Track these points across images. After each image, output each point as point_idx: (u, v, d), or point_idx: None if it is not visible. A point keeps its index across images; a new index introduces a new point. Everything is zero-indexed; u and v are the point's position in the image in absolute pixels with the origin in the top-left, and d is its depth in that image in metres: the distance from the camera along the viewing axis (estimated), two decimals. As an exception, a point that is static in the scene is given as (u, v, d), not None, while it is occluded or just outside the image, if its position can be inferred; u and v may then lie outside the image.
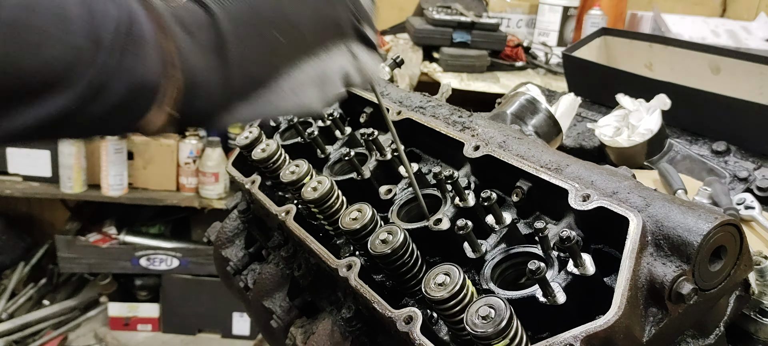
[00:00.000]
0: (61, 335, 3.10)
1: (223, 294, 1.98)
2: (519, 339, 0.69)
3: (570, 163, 0.90)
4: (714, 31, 2.91)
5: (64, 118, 0.51)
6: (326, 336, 1.02)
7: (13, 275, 3.25)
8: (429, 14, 2.90)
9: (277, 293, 1.19)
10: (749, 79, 1.67)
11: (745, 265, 0.79)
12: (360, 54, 0.71)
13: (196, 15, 0.59)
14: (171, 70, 0.56)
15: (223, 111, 0.61)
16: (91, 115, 0.52)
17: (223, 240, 1.40)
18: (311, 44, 0.65)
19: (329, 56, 0.67)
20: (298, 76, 0.64)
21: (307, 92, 0.66)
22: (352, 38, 0.70)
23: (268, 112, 0.65)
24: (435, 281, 0.77)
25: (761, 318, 0.89)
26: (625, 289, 0.69)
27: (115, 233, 3.10)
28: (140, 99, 0.55)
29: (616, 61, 2.01)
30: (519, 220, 0.94)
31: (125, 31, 0.52)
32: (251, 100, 0.62)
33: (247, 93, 0.62)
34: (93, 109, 0.52)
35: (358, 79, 0.72)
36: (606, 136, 1.51)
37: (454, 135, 1.05)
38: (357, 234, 0.93)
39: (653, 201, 0.78)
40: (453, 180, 0.91)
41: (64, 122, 0.51)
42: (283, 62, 0.63)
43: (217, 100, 0.60)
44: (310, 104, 0.68)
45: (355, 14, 0.70)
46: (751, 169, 1.40)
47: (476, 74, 2.82)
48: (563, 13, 3.17)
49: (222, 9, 0.59)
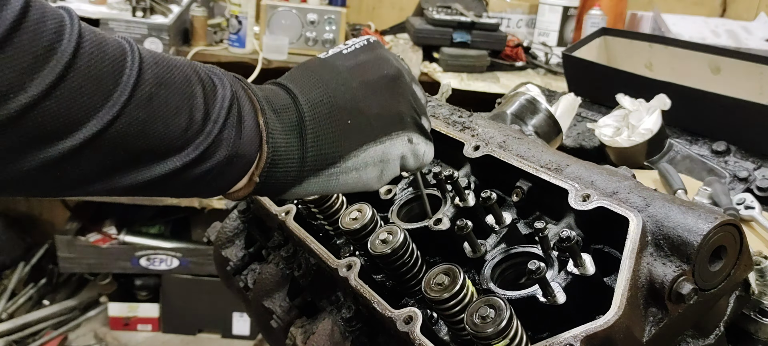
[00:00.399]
0: (61, 335, 3.10)
1: (223, 294, 1.98)
2: (519, 339, 0.69)
3: (570, 163, 0.90)
4: (714, 31, 2.91)
5: (170, 177, 0.58)
6: (326, 336, 1.02)
7: (13, 275, 3.25)
8: (429, 14, 2.90)
9: (277, 293, 1.19)
10: (749, 79, 1.67)
11: (745, 265, 0.79)
12: (417, 141, 0.78)
13: (282, 98, 0.69)
14: (263, 145, 0.64)
15: (297, 183, 0.69)
16: (192, 177, 0.60)
17: (223, 240, 1.40)
18: (376, 131, 0.73)
19: (391, 142, 0.75)
20: (363, 158, 0.72)
21: (369, 172, 0.74)
22: (411, 129, 0.77)
23: (334, 187, 0.72)
24: (435, 281, 0.77)
25: (761, 318, 0.89)
26: (625, 289, 0.69)
27: (115, 233, 3.10)
28: (236, 166, 0.63)
29: (616, 61, 2.01)
30: (519, 220, 0.94)
31: (228, 107, 0.61)
32: (321, 176, 0.69)
33: (318, 169, 0.69)
34: (195, 172, 0.60)
35: (413, 164, 0.80)
36: (606, 136, 1.51)
37: (454, 135, 1.05)
38: (357, 234, 0.93)
39: (653, 201, 0.78)
40: (453, 180, 0.91)
41: (169, 181, 0.58)
42: (351, 145, 0.70)
43: (294, 173, 0.68)
44: (370, 182, 0.75)
45: (415, 109, 0.79)
46: (751, 169, 1.40)
47: (476, 74, 2.82)
48: (563, 13, 3.17)
49: (303, 95, 0.69)
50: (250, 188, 0.66)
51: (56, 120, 0.49)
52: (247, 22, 2.70)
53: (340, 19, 2.81)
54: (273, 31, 2.77)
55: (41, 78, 0.48)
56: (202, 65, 0.63)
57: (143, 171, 0.57)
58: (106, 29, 2.49)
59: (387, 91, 0.75)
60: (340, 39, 2.83)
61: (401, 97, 0.76)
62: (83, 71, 0.50)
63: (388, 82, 0.75)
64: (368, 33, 3.11)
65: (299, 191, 0.70)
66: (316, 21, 2.79)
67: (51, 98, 0.48)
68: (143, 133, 0.55)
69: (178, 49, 2.68)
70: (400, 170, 0.79)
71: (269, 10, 2.75)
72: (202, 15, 2.74)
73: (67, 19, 0.50)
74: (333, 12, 2.80)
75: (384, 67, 0.76)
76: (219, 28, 3.01)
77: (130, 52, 0.55)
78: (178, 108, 0.57)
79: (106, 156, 0.54)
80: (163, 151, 0.57)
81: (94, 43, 0.52)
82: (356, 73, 0.73)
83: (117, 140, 0.53)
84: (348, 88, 0.71)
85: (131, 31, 2.51)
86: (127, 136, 0.54)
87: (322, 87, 0.70)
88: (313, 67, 0.73)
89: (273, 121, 0.66)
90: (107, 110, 0.52)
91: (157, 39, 2.53)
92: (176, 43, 2.66)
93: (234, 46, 2.74)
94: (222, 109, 0.60)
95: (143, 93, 0.54)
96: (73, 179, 0.54)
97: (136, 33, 2.52)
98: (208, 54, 2.73)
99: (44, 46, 0.48)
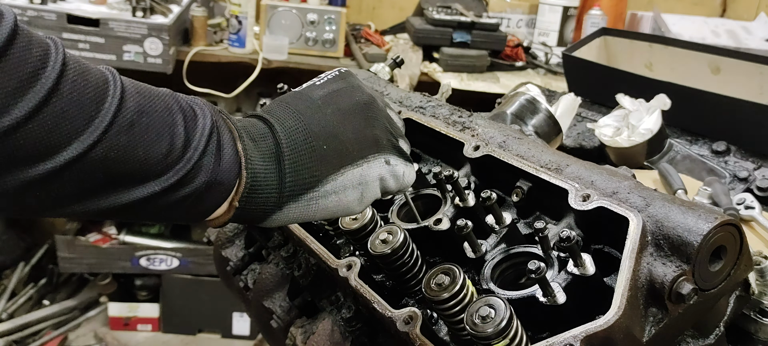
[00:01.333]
0: (61, 335, 3.10)
1: (223, 294, 1.98)
2: (519, 339, 0.69)
3: (570, 163, 0.90)
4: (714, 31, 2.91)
5: (149, 201, 0.60)
6: (326, 336, 1.02)
7: (13, 275, 3.25)
8: (429, 14, 2.90)
9: (277, 293, 1.19)
10: (749, 79, 1.67)
11: (745, 265, 0.79)
12: (395, 163, 0.80)
13: (259, 128, 0.71)
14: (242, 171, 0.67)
15: (277, 209, 0.70)
16: (171, 202, 0.61)
17: (223, 240, 1.40)
18: (353, 155, 0.75)
19: (368, 165, 0.76)
20: (341, 181, 0.74)
21: (349, 195, 0.75)
22: (389, 151, 0.79)
23: (314, 212, 0.73)
24: (435, 281, 0.77)
25: (761, 318, 0.89)
26: (625, 289, 0.69)
27: (115, 233, 3.10)
28: (215, 193, 0.65)
29: (616, 61, 2.01)
30: (519, 220, 0.94)
31: (208, 135, 0.63)
32: (300, 201, 0.71)
33: (297, 194, 0.71)
34: (174, 197, 0.61)
35: (394, 185, 0.81)
36: (606, 136, 1.51)
37: (454, 135, 1.05)
38: (357, 234, 0.93)
39: (653, 201, 0.78)
40: (453, 180, 0.91)
41: (148, 205, 0.60)
42: (328, 169, 0.72)
43: (273, 200, 0.69)
44: (350, 205, 0.76)
45: (390, 132, 0.81)
46: (751, 169, 1.40)
47: (476, 74, 2.82)
48: (563, 13, 3.17)
49: (279, 124, 0.71)
50: (230, 214, 0.68)
51: (39, 143, 0.51)
52: (247, 22, 2.70)
53: (340, 19, 2.81)
54: (273, 31, 2.77)
55: (25, 101, 0.50)
56: (184, 96, 0.65)
57: (122, 195, 0.59)
58: (106, 29, 2.49)
59: (361, 116, 0.78)
60: (340, 39, 2.83)
61: (375, 122, 0.79)
62: (66, 97, 0.52)
63: (361, 108, 0.78)
64: (368, 33, 3.11)
65: (280, 218, 0.72)
66: (316, 21, 2.79)
67: (34, 121, 0.50)
68: (124, 158, 0.57)
69: (178, 49, 2.68)
70: (382, 193, 0.80)
71: (269, 10, 2.75)
72: (202, 15, 2.74)
73: (52, 48, 0.53)
74: (333, 12, 2.80)
75: (356, 94, 0.79)
76: (219, 28, 3.01)
77: (112, 80, 0.57)
78: (159, 135, 0.59)
79: (85, 179, 0.55)
80: (142, 176, 0.59)
81: (78, 71, 0.54)
82: (329, 101, 0.76)
83: (97, 164, 0.55)
84: (322, 115, 0.74)
85: (131, 31, 2.51)
86: (108, 161, 0.56)
87: (296, 116, 0.73)
88: (287, 100, 0.76)
89: (251, 149, 0.68)
90: (89, 135, 0.54)
91: (157, 39, 2.53)
92: (176, 43, 2.66)
93: (234, 46, 2.74)
94: (202, 136, 0.63)
95: (125, 120, 0.56)
96: (52, 199, 0.56)
97: (136, 33, 2.52)
98: (208, 54, 2.73)
99: (29, 72, 0.50)
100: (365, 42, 3.05)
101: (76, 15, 2.47)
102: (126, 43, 2.51)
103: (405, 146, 0.84)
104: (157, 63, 2.54)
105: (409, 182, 0.84)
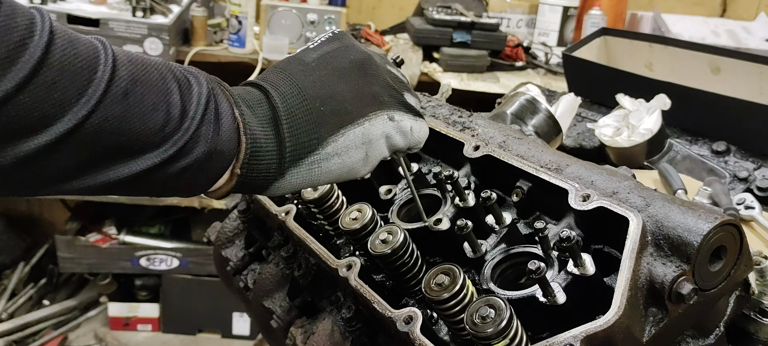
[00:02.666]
0: (61, 335, 3.10)
1: (223, 294, 1.98)
2: (519, 339, 0.69)
3: (570, 163, 0.90)
4: (714, 31, 2.91)
5: (148, 173, 0.59)
6: (326, 336, 1.02)
7: (13, 275, 3.25)
8: (429, 14, 2.90)
9: (277, 293, 1.19)
10: (749, 79, 1.67)
11: (745, 265, 0.79)
12: (399, 118, 0.77)
13: (255, 95, 0.70)
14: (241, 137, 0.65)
15: (279, 176, 0.69)
16: (171, 174, 0.60)
17: (223, 240, 1.40)
18: (352, 114, 0.72)
19: (369, 122, 0.74)
20: (343, 142, 0.72)
21: (353, 155, 0.73)
22: (392, 107, 0.77)
23: (317, 176, 0.71)
24: (435, 281, 0.77)
25: (761, 318, 0.89)
26: (625, 289, 0.69)
27: (115, 233, 3.10)
28: (215, 162, 0.64)
29: (616, 61, 2.01)
30: (519, 220, 0.94)
31: (205, 103, 0.62)
32: (302, 165, 0.70)
33: (298, 159, 0.69)
34: (174, 169, 0.60)
35: (402, 142, 0.78)
36: (606, 136, 1.51)
37: (454, 135, 1.05)
38: (357, 234, 0.93)
39: (653, 201, 0.78)
40: (453, 180, 0.91)
41: (148, 178, 0.59)
42: (328, 130, 0.71)
43: (274, 166, 0.68)
44: (355, 166, 0.74)
45: (393, 86, 0.78)
46: (751, 169, 1.40)
47: (476, 74, 2.82)
48: (563, 13, 3.17)
49: (274, 89, 0.70)
50: (232, 183, 0.67)
51: (30, 115, 0.50)
52: (247, 22, 2.70)
53: (340, 19, 2.81)
54: (273, 31, 2.77)
55: (14, 72, 0.49)
56: (177, 65, 0.64)
57: (120, 167, 0.57)
58: (106, 29, 2.49)
59: (358, 74, 0.75)
60: (340, 39, 2.83)
61: (374, 78, 0.76)
62: (56, 66, 0.51)
63: (358, 66, 0.76)
64: (368, 33, 3.11)
65: (283, 185, 0.70)
66: (316, 21, 2.79)
67: (24, 93, 0.49)
68: (119, 129, 0.55)
69: (178, 49, 2.68)
70: (390, 151, 0.77)
71: (269, 10, 2.75)
72: (202, 15, 2.74)
73: (37, 17, 0.52)
74: (333, 12, 2.80)
75: (351, 53, 0.77)
76: (219, 28, 3.01)
77: (103, 49, 0.55)
78: (155, 105, 0.58)
79: (82, 152, 0.54)
80: (140, 147, 0.57)
81: (67, 40, 0.53)
82: (324, 62, 0.74)
83: (93, 136, 0.54)
84: (317, 76, 0.72)
85: (131, 31, 2.51)
86: (103, 132, 0.54)
87: (291, 80, 0.71)
88: (281, 65, 0.74)
89: (249, 116, 0.67)
90: (82, 106, 0.52)
91: (157, 39, 2.53)
92: (176, 43, 2.66)
93: (234, 46, 2.74)
94: (199, 105, 0.61)
95: (118, 89, 0.55)
96: (49, 175, 0.55)
97: (136, 33, 2.51)
98: (208, 54, 2.73)
99: (15, 42, 0.49)
100: (365, 42, 3.05)
101: (76, 15, 2.47)
102: (126, 44, 2.51)
103: (411, 100, 0.81)
104: (157, 63, 2.54)
105: (420, 137, 0.81)
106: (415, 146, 0.82)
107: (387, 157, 0.78)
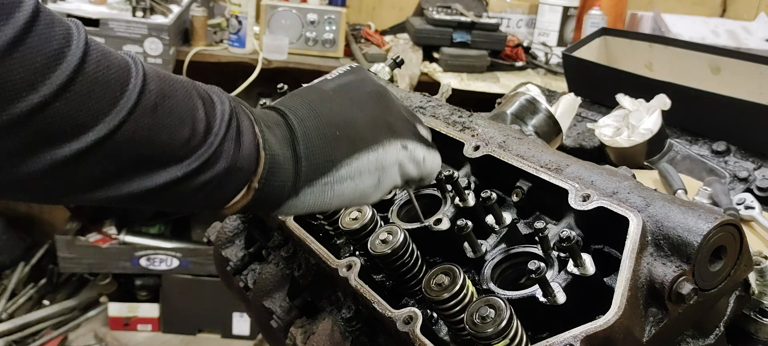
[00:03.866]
0: (61, 335, 3.10)
1: (223, 294, 1.98)
2: (519, 339, 0.69)
3: (570, 163, 0.90)
4: (714, 31, 2.91)
5: (171, 186, 0.60)
6: (326, 336, 1.02)
7: (13, 275, 3.25)
8: (429, 14, 2.90)
9: (277, 293, 1.19)
10: (749, 79, 1.67)
11: (745, 265, 0.79)
12: (413, 148, 0.79)
13: (274, 117, 0.73)
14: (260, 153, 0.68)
15: (293, 195, 0.71)
16: (192, 188, 0.62)
17: (223, 240, 1.40)
18: (366, 139, 0.75)
19: (383, 149, 0.76)
20: (356, 166, 0.74)
21: (365, 180, 0.75)
22: (405, 136, 0.79)
23: (330, 198, 0.73)
24: (435, 281, 0.77)
25: (761, 318, 0.89)
26: (625, 289, 0.69)
27: (115, 233, 3.10)
28: (235, 178, 0.66)
29: (616, 61, 2.01)
30: (519, 220, 0.94)
31: (228, 121, 0.64)
32: (315, 186, 0.72)
33: (312, 179, 0.71)
34: (195, 183, 0.62)
35: (415, 171, 0.80)
36: (606, 136, 1.51)
37: (454, 135, 1.05)
38: (357, 234, 0.93)
39: (653, 201, 0.78)
40: (453, 180, 0.91)
41: (170, 191, 0.61)
42: (342, 154, 0.73)
43: (290, 184, 0.70)
44: (367, 191, 0.76)
45: (406, 118, 0.81)
46: (751, 169, 1.40)
47: (476, 74, 2.82)
48: (563, 13, 3.17)
49: (292, 113, 0.73)
50: (248, 198, 0.69)
51: (65, 122, 0.52)
52: (247, 22, 2.70)
53: (340, 19, 2.81)
54: (273, 31, 2.77)
55: (52, 79, 0.50)
56: (200, 83, 0.67)
57: (145, 179, 0.59)
58: (106, 29, 2.49)
59: (373, 104, 0.78)
60: (340, 39, 2.83)
61: (388, 110, 0.79)
62: (91, 76, 0.53)
63: (374, 97, 0.79)
64: (368, 33, 3.11)
65: (297, 204, 0.72)
66: (316, 21, 2.79)
67: (61, 100, 0.51)
68: (148, 141, 0.57)
69: (178, 49, 2.68)
70: (402, 179, 0.80)
71: (269, 10, 2.75)
72: (202, 15, 2.74)
73: (73, 27, 0.53)
74: (333, 12, 2.80)
75: (368, 85, 0.80)
76: (219, 28, 3.01)
77: (133, 64, 0.58)
78: (182, 119, 0.60)
79: (111, 161, 0.56)
80: (166, 159, 0.60)
81: (101, 52, 0.55)
82: (341, 91, 0.77)
83: (123, 146, 0.56)
84: (334, 104, 0.75)
85: (131, 31, 2.51)
86: (133, 143, 0.56)
87: (309, 106, 0.74)
88: (299, 92, 0.78)
89: (268, 134, 0.69)
90: (114, 115, 0.54)
91: (157, 39, 2.53)
92: (176, 43, 2.66)
93: (234, 46, 2.74)
94: (222, 122, 0.64)
95: (148, 102, 0.57)
96: (79, 183, 0.56)
97: (136, 33, 2.51)
98: (208, 54, 2.73)
99: (54, 49, 0.51)
100: (365, 42, 3.05)
101: (76, 15, 2.47)
102: (126, 43, 2.51)
103: (424, 132, 0.83)
104: (157, 63, 2.54)
105: (433, 167, 0.83)
106: (427, 177, 0.84)
107: (399, 184, 0.80)
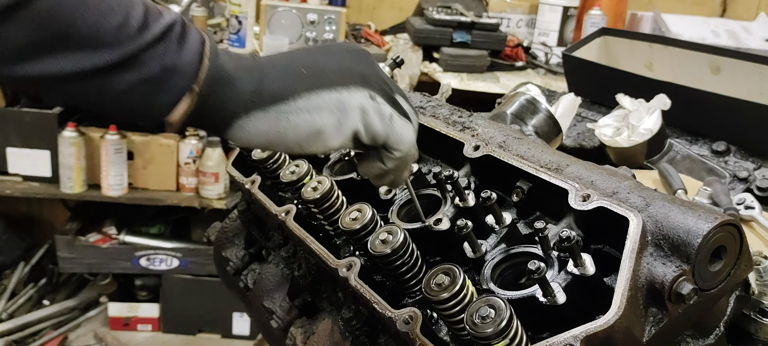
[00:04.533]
0: (61, 335, 3.10)
1: (223, 294, 1.98)
2: (519, 339, 0.69)
3: (570, 163, 0.90)
4: (714, 31, 2.91)
5: (98, 73, 0.61)
6: (326, 336, 1.02)
7: (13, 275, 3.25)
8: (429, 14, 2.90)
9: (277, 293, 1.19)
10: (749, 79, 1.67)
11: (745, 265, 0.79)
12: (381, 102, 0.77)
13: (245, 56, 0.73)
14: (203, 61, 0.67)
15: (242, 113, 0.69)
16: (123, 83, 0.62)
17: (223, 240, 1.40)
18: (332, 80, 0.73)
19: (348, 92, 0.74)
20: (315, 101, 0.72)
21: (324, 117, 0.73)
22: (377, 90, 0.76)
23: (284, 126, 0.71)
24: (435, 281, 0.77)
25: (761, 318, 0.89)
26: (625, 289, 0.69)
27: (115, 233, 3.10)
28: (174, 79, 0.65)
29: (616, 61, 2.01)
30: (519, 220, 0.94)
31: (170, 25, 0.64)
32: (269, 111, 0.70)
33: (265, 104, 0.70)
34: (130, 78, 0.62)
35: (377, 124, 0.76)
36: (606, 136, 1.51)
37: (454, 135, 1.05)
38: (357, 234, 0.93)
39: (653, 201, 0.78)
40: (453, 180, 0.91)
41: (99, 80, 0.61)
42: (302, 87, 0.72)
43: (237, 101, 0.69)
44: (325, 129, 0.73)
45: (384, 79, 0.79)
46: (751, 169, 1.40)
47: (476, 74, 2.82)
48: (563, 13, 3.17)
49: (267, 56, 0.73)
50: (192, 104, 0.67)
51: None
52: (247, 22, 2.70)
53: (340, 19, 2.81)
54: (273, 31, 2.77)
55: None
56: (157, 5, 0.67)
57: (73, 57, 0.59)
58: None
59: (351, 57, 0.77)
60: (340, 39, 2.83)
61: (366, 65, 0.78)
62: None
63: (353, 53, 0.78)
64: (368, 33, 3.11)
65: (247, 126, 0.70)
66: (316, 21, 2.79)
67: None
68: (73, 17, 0.58)
69: (178, 49, 2.68)
70: (364, 128, 0.76)
71: (269, 10, 2.75)
72: (202, 15, 2.74)
73: None
74: (333, 12, 2.80)
75: (352, 45, 0.80)
76: (219, 28, 3.01)
77: None
78: (113, 7, 0.60)
79: (34, 31, 0.56)
80: (93, 41, 0.60)
81: None
82: (322, 46, 0.80)
83: (44, 15, 0.56)
84: (309, 51, 0.75)
85: (131, 31, 2.51)
86: (57, 14, 0.56)
87: (286, 53, 0.75)
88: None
89: (224, 56, 0.69)
90: None
91: (157, 39, 2.53)
92: (176, 43, 2.66)
93: (234, 46, 2.74)
94: (161, 25, 0.64)
95: None
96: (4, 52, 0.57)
97: (136, 33, 2.51)
98: (208, 54, 2.73)
99: None
100: (365, 42, 3.05)
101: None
102: (126, 43, 2.51)
103: (403, 102, 0.80)
104: (157, 63, 2.54)
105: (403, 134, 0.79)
106: (394, 142, 0.79)
107: (362, 134, 0.76)
